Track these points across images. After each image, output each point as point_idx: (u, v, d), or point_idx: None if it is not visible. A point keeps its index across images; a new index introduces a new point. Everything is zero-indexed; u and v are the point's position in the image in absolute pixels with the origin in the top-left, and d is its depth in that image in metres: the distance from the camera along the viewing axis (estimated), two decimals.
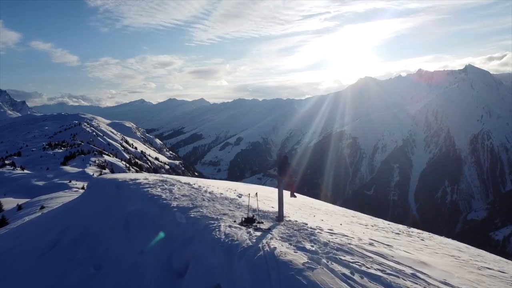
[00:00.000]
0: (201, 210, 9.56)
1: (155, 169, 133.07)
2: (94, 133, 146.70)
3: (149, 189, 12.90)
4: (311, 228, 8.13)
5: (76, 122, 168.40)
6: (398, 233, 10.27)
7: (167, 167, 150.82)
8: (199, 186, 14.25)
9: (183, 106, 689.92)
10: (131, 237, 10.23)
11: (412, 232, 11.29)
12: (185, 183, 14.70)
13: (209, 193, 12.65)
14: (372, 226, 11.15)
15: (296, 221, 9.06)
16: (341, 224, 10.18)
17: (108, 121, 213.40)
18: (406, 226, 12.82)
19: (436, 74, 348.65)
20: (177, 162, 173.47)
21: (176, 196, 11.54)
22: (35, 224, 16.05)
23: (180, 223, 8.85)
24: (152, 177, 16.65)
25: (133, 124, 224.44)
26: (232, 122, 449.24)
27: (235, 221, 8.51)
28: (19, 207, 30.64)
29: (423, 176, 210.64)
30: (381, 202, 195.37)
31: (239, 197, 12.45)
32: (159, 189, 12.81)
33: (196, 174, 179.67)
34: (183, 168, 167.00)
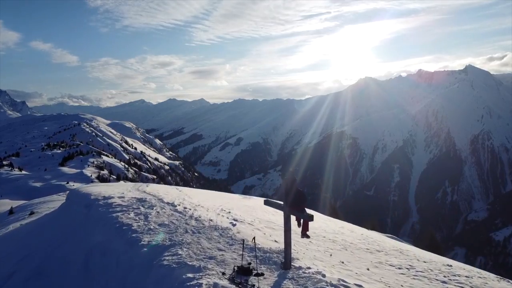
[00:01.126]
0: (179, 252, 7.44)
1: (155, 170, 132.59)
2: (94, 134, 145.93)
3: (119, 213, 10.81)
4: (331, 285, 6.11)
5: (76, 122, 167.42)
6: (444, 281, 8.07)
7: (166, 167, 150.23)
8: (184, 208, 11.92)
9: (183, 106, 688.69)
10: (89, 282, 8.47)
11: (458, 274, 8.92)
12: (167, 204, 12.44)
13: (195, 219, 10.36)
14: (407, 268, 8.85)
15: (309, 268, 6.91)
16: (368, 269, 8.09)
17: (108, 121, 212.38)
18: (447, 265, 10.08)
19: (436, 74, 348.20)
20: (177, 162, 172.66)
21: (151, 227, 9.41)
22: (4, 243, 14.83)
23: (148, 273, 7.06)
24: (130, 193, 14.58)
25: (133, 125, 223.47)
26: (232, 122, 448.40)
27: (223, 273, 6.41)
28: (11, 211, 29.92)
29: (423, 177, 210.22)
30: (382, 203, 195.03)
31: (233, 224, 10.11)
32: (132, 214, 10.69)
33: (196, 174, 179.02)
34: (182, 169, 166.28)
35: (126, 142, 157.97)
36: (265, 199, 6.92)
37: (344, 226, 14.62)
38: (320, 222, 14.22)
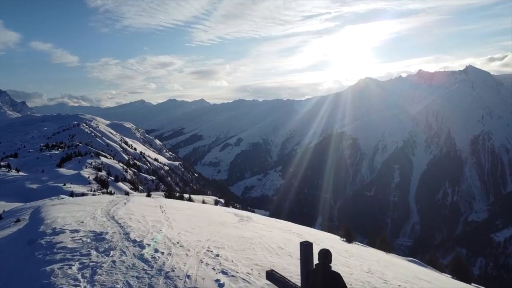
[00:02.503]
0: None
1: (154, 170, 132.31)
2: (93, 134, 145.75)
3: (57, 265, 7.40)
4: None
5: (75, 123, 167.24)
6: None
7: (166, 168, 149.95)
8: (155, 252, 8.51)
9: (183, 106, 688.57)
10: None
11: None
12: (134, 243, 9.12)
13: (166, 275, 6.99)
14: None
15: None
16: None
17: (108, 122, 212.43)
18: None
19: (437, 75, 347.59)
20: (176, 163, 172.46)
21: None
22: None
23: None
24: (92, 222, 11.40)
25: (133, 125, 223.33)
26: (232, 122, 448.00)
27: None
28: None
29: (423, 177, 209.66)
30: (382, 203, 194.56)
31: (221, 285, 6.89)
32: (75, 267, 7.26)
33: (195, 175, 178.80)
34: (182, 169, 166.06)
35: (126, 143, 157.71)
36: (267, 270, 4.95)
37: (370, 267, 11.08)
38: (342, 262, 10.79)
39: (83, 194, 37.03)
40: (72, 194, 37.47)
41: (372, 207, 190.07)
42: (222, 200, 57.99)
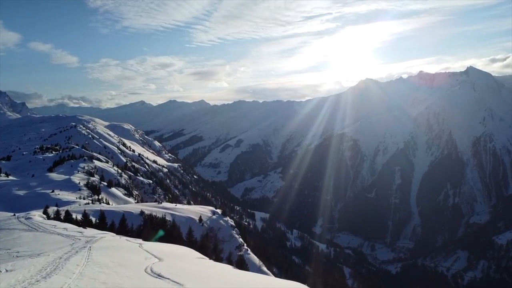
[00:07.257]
0: None
1: (153, 173, 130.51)
2: (90, 136, 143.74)
3: None
4: None
5: (73, 124, 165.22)
6: None
7: (165, 170, 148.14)
8: None
9: (183, 107, 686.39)
10: None
11: None
12: None
13: None
14: None
15: None
16: None
17: (106, 123, 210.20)
18: None
19: (438, 76, 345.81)
20: (175, 165, 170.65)
21: None
22: None
23: None
24: None
25: (132, 126, 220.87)
26: (232, 124, 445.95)
27: None
28: None
29: (425, 179, 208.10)
30: (383, 205, 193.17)
31: None
32: None
33: (195, 176, 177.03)
34: (182, 171, 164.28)
35: (124, 145, 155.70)
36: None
37: None
38: None
39: (55, 216, 33.24)
40: (46, 211, 34.27)
41: (373, 209, 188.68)
42: (219, 211, 55.93)
